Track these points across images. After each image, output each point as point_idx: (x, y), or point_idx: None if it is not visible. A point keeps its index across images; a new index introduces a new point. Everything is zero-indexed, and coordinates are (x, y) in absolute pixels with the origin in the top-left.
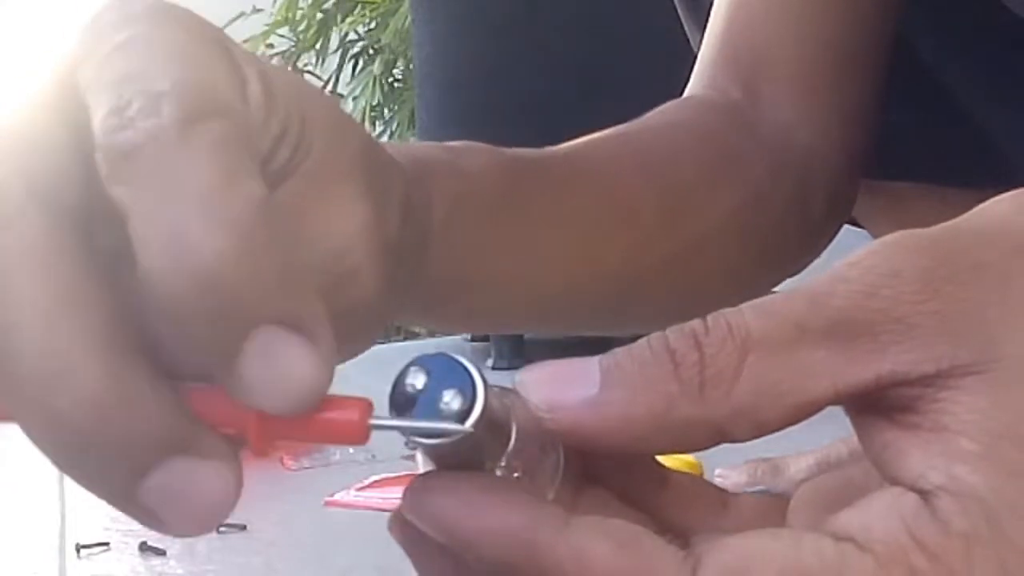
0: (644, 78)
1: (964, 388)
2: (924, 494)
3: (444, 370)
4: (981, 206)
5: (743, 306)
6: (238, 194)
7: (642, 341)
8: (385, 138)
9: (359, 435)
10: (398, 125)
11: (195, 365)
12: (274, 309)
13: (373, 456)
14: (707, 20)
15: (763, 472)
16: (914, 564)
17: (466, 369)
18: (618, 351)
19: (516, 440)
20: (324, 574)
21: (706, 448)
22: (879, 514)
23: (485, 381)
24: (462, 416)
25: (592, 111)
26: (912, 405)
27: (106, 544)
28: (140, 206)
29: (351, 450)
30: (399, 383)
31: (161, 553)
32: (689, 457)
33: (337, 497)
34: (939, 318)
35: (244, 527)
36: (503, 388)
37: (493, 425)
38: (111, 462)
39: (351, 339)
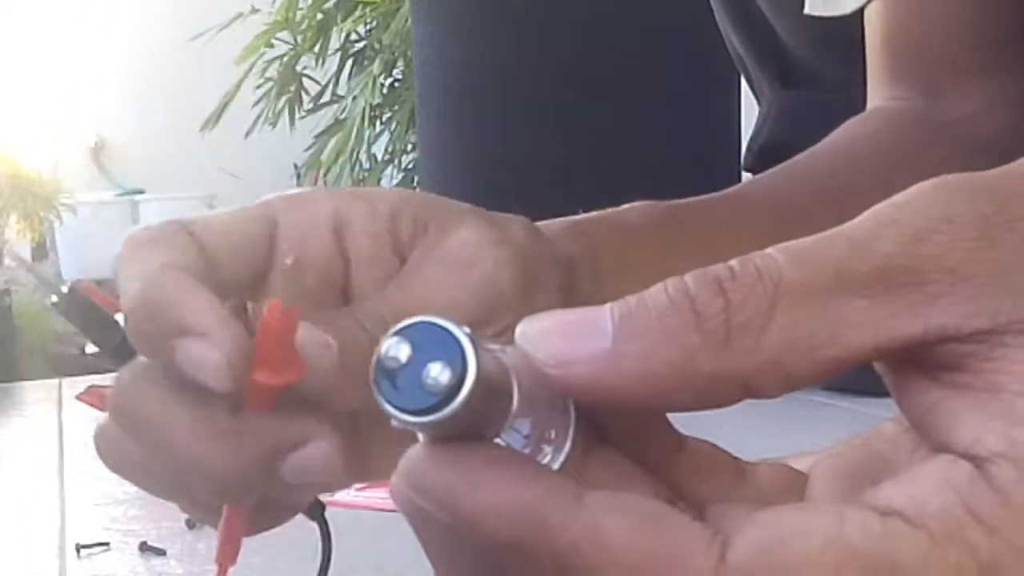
0: (644, 78)
1: (1022, 347)
2: (979, 461)
3: (429, 339)
4: None
5: (773, 249)
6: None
7: (658, 287)
8: (385, 137)
9: (284, 327)
10: (397, 125)
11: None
12: (179, 327)
13: None
14: (743, 15)
15: None
16: (971, 540)
17: (454, 336)
18: (630, 298)
19: (520, 403)
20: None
21: (731, 404)
22: (929, 485)
23: (476, 348)
24: (452, 391)
25: (592, 111)
26: (962, 363)
27: (106, 544)
28: None
29: None
30: (381, 358)
31: (161, 553)
32: None
33: (337, 497)
34: (996, 268)
35: None
36: (501, 344)
37: (491, 391)
38: (252, 467)
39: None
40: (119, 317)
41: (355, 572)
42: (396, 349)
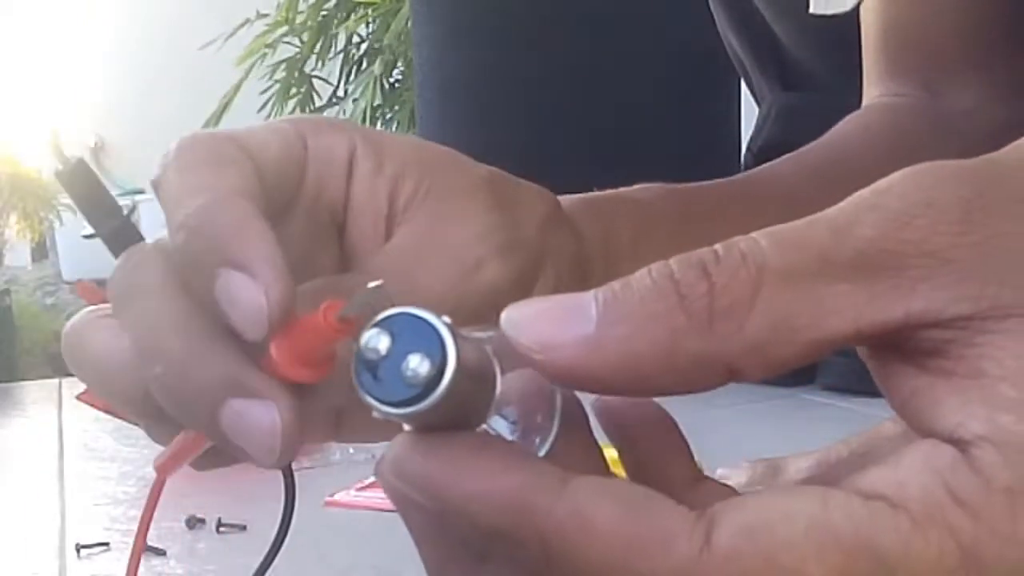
0: (643, 80)
1: (1005, 332)
2: (962, 445)
3: (409, 330)
4: (1020, 140)
5: (757, 233)
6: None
7: (642, 271)
8: None
9: (332, 329)
10: (398, 125)
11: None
12: (224, 257)
13: (373, 456)
14: (742, 18)
15: (762, 472)
16: (953, 523)
17: (433, 327)
18: (614, 283)
19: (504, 390)
20: (324, 574)
21: (714, 387)
22: (912, 469)
23: (456, 339)
24: (432, 383)
25: (592, 112)
26: (942, 349)
27: (106, 544)
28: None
29: (351, 450)
30: (361, 349)
31: (161, 553)
32: None
33: (337, 497)
34: (978, 252)
35: (244, 527)
36: (484, 331)
37: (473, 379)
38: (195, 404)
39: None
40: (123, 202)
41: (354, 572)
42: (376, 341)
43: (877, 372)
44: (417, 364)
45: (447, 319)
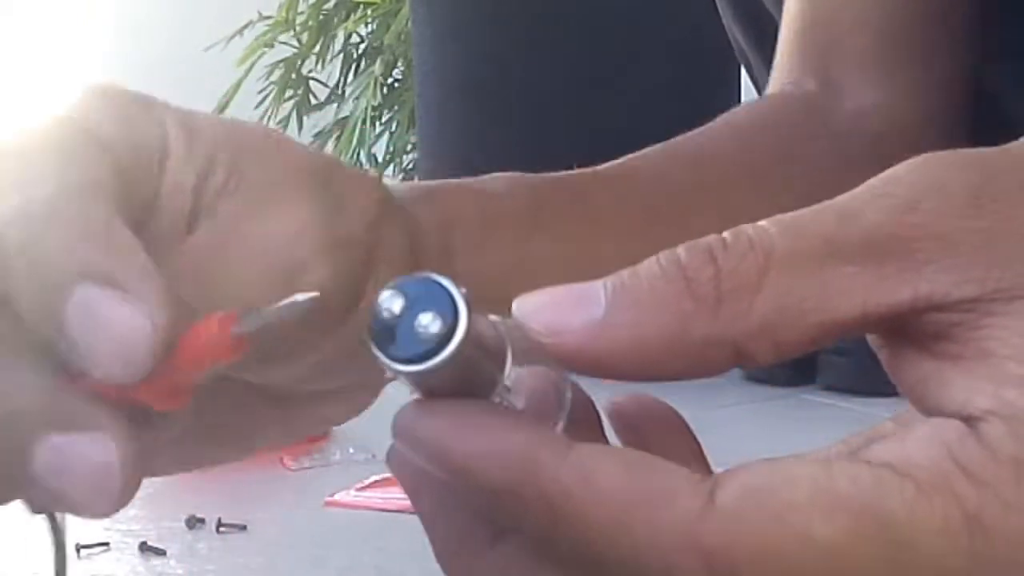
0: (643, 78)
1: (1011, 313)
2: (970, 420)
3: (423, 292)
4: None
5: (766, 221)
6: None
7: (651, 259)
8: (385, 138)
9: (225, 348)
10: (398, 125)
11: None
12: (86, 266)
13: (373, 456)
14: (748, 13)
15: None
16: (959, 491)
17: (446, 289)
18: (623, 271)
19: (513, 368)
20: (324, 574)
21: (722, 371)
22: (919, 441)
23: (469, 301)
24: (443, 341)
25: (590, 111)
26: (949, 333)
27: (106, 544)
28: None
29: (351, 450)
30: (376, 310)
31: (161, 553)
32: None
33: (337, 497)
34: (985, 237)
35: (244, 527)
36: (498, 317)
37: (483, 348)
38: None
39: (324, 330)
40: None
41: (354, 572)
42: (390, 302)
43: (886, 359)
44: (429, 321)
45: (463, 288)
